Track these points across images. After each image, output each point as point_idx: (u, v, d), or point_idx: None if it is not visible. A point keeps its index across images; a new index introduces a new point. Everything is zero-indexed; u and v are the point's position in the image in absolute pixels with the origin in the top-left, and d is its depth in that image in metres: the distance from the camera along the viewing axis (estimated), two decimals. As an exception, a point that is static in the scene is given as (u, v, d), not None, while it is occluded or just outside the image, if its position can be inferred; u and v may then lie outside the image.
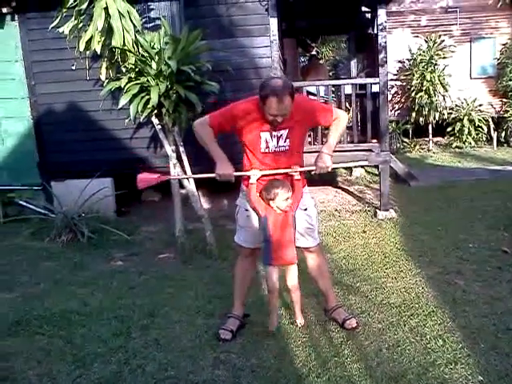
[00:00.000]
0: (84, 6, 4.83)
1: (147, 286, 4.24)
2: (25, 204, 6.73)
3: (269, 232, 2.98)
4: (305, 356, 2.91)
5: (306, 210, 3.18)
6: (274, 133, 3.00)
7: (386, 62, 6.21)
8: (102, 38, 4.79)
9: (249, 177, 3.03)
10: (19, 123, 6.86)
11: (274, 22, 6.26)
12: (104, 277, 4.52)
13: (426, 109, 11.91)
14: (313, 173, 3.15)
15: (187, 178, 5.02)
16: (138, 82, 4.83)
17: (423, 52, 12.10)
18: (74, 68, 6.01)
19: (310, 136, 6.73)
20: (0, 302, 4.01)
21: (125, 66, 4.96)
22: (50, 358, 3.06)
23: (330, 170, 3.07)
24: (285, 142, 3.03)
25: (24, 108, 6.78)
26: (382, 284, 3.93)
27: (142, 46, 4.83)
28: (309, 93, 8.08)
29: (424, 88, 11.82)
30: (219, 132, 3.11)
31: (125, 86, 4.87)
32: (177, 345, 3.14)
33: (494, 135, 12.05)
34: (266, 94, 2.85)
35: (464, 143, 12.05)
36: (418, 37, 12.44)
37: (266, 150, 3.04)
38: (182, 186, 5.12)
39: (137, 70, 4.86)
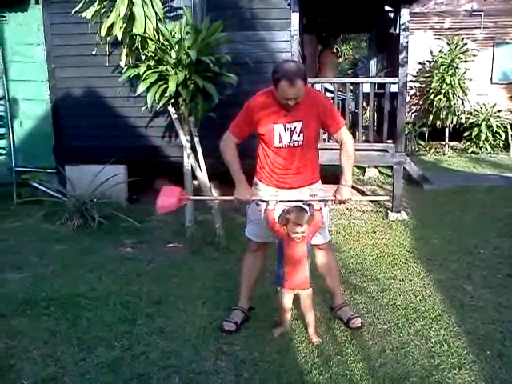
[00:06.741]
0: (107, -8, 4.85)
1: (155, 274, 4.25)
2: (38, 186, 6.79)
3: (282, 256, 2.99)
4: (308, 352, 2.91)
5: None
6: (288, 125, 2.99)
7: (407, 62, 6.15)
8: (124, 25, 4.79)
9: (268, 203, 2.98)
10: (37, 106, 6.92)
11: (295, 17, 6.22)
12: (112, 262, 4.55)
13: (444, 112, 11.77)
14: (331, 204, 3.19)
15: (206, 200, 5.01)
16: (157, 70, 4.83)
17: (444, 55, 11.95)
18: (94, 53, 6.02)
19: (324, 133, 6.68)
20: (9, 282, 4.07)
21: (144, 54, 4.96)
22: (55, 339, 3.10)
23: (349, 202, 3.11)
24: (298, 136, 3.01)
25: (43, 91, 6.83)
26: (390, 285, 3.91)
27: (162, 35, 4.82)
28: (326, 90, 8.05)
29: (443, 91, 11.68)
30: (243, 138, 3.12)
31: (143, 73, 4.87)
32: (181, 334, 3.15)
33: (512, 142, 11.90)
34: (279, 78, 2.85)
35: (480, 149, 11.92)
36: (440, 39, 12.28)
37: (280, 145, 3.04)
38: (194, 177, 5.12)
39: (156, 58, 4.86)
